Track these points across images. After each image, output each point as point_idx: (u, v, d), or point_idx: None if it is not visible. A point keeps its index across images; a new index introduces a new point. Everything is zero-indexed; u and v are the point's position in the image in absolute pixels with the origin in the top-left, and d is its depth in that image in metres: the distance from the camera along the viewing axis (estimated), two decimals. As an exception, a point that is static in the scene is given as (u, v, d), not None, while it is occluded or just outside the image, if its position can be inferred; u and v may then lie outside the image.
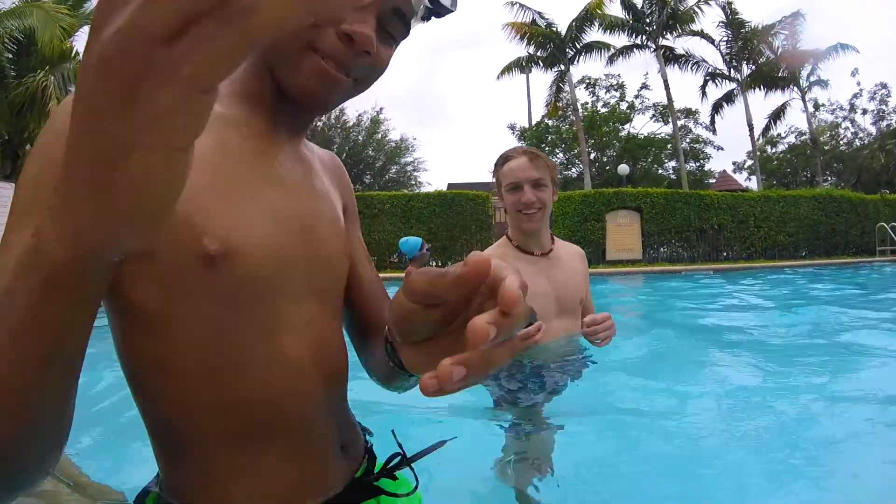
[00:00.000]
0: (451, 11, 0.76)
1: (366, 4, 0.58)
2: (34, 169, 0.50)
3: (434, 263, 13.44)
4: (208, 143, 0.55)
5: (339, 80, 0.60)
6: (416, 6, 0.69)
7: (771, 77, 21.30)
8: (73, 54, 12.27)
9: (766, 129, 23.88)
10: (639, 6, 19.80)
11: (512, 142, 32.81)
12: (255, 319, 0.56)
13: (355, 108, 53.43)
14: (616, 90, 22.41)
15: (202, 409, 0.55)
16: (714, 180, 25.90)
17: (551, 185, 1.62)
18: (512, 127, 24.32)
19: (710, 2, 19.49)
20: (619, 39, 20.54)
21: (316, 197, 0.67)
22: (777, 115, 22.96)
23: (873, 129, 25.17)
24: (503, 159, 1.65)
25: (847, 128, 26.06)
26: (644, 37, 20.12)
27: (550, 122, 22.94)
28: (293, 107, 0.62)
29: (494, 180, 1.71)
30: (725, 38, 20.87)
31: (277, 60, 0.60)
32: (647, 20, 19.84)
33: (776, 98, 23.43)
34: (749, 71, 21.29)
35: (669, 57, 20.62)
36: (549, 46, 20.14)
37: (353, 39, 0.57)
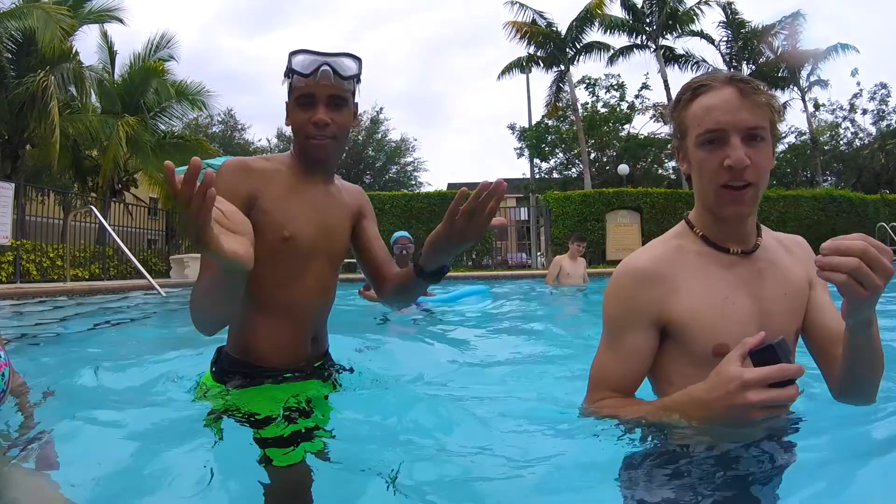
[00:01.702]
0: (354, 75, 1.34)
1: (317, 103, 1.25)
2: None
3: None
4: (284, 182, 1.28)
5: (324, 144, 1.27)
6: (344, 87, 1.29)
7: (771, 77, 21.30)
8: (73, 54, 12.26)
9: (767, 129, 23.86)
10: (639, 6, 19.80)
11: (512, 142, 32.70)
12: (297, 267, 1.29)
13: (355, 108, 53.38)
14: (616, 90, 22.40)
15: (265, 298, 1.27)
16: (714, 180, 25.89)
17: (770, 137, 0.98)
18: (512, 127, 24.31)
19: (710, 2, 19.51)
20: (619, 39, 20.56)
21: (335, 211, 1.37)
22: (777, 115, 22.95)
23: (873, 129, 25.16)
24: (694, 90, 1.01)
25: (847, 128, 26.05)
26: (644, 37, 20.13)
27: (550, 122, 22.92)
28: (315, 165, 1.33)
29: (673, 126, 1.09)
30: (725, 39, 20.88)
31: (296, 146, 1.32)
32: (647, 20, 19.85)
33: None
34: (749, 71, 21.29)
35: (669, 57, 20.63)
36: (550, 46, 20.15)
37: (317, 124, 1.24)
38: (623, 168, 20.37)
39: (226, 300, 1.06)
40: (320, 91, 1.26)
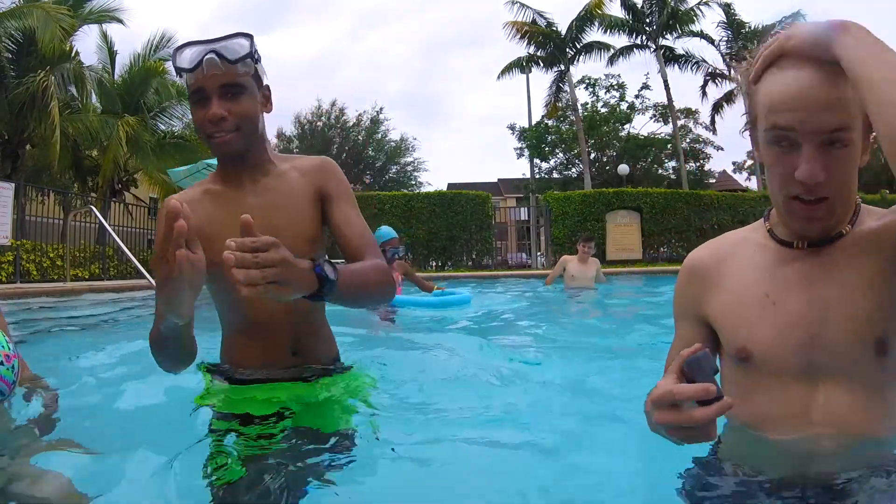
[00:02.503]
0: (238, 60, 1.17)
1: (209, 101, 1.15)
2: None
3: (434, 263, 13.46)
4: (214, 201, 1.25)
5: (227, 140, 1.17)
6: (237, 72, 1.16)
7: (771, 77, 21.30)
8: (73, 54, 12.27)
9: (767, 129, 23.87)
10: (639, 6, 19.81)
11: (512, 142, 32.72)
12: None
13: (355, 107, 53.31)
14: (616, 90, 22.41)
15: (230, 318, 1.28)
16: (714, 180, 25.90)
17: (860, 128, 0.81)
18: (512, 127, 24.32)
19: (710, 2, 19.52)
20: (619, 39, 20.57)
21: (280, 209, 1.23)
22: (777, 115, 22.96)
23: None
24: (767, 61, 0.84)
25: (847, 128, 26.05)
26: (644, 37, 20.13)
27: (550, 122, 22.93)
28: (232, 162, 1.25)
29: (746, 101, 0.93)
30: (725, 39, 20.88)
31: (207, 147, 1.22)
32: (647, 20, 19.86)
33: (776, 98, 23.39)
34: (749, 71, 21.30)
35: (669, 57, 20.63)
36: (550, 46, 20.16)
37: (211, 120, 1.15)
38: (623, 168, 20.37)
39: (171, 347, 1.05)
40: (210, 83, 1.15)
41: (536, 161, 23.61)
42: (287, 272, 0.84)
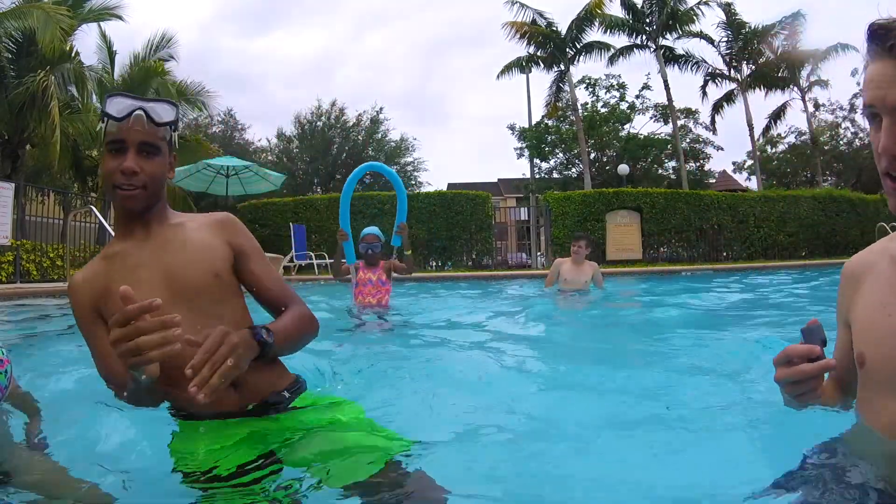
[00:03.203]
0: (172, 122, 1.26)
1: (126, 153, 1.18)
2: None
3: (434, 263, 13.45)
4: (115, 265, 1.23)
5: (133, 195, 1.19)
6: (157, 134, 1.22)
7: (771, 77, 21.30)
8: (73, 54, 12.26)
9: (766, 129, 23.87)
10: (639, 6, 19.80)
11: (512, 142, 32.66)
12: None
13: (355, 107, 53.30)
14: (616, 90, 22.41)
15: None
16: (714, 180, 25.88)
17: None
18: (512, 127, 24.32)
19: (710, 2, 19.51)
20: (620, 39, 20.56)
21: (190, 246, 1.25)
22: (777, 115, 22.96)
23: (873, 129, 25.13)
24: (883, 36, 0.76)
25: (847, 128, 26.02)
26: (644, 37, 20.12)
27: (550, 122, 22.93)
28: (133, 217, 1.25)
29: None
30: (726, 39, 20.87)
31: (110, 198, 1.23)
32: (647, 20, 19.84)
33: (776, 98, 23.38)
34: (749, 71, 21.30)
35: (669, 57, 20.62)
36: (550, 46, 20.14)
37: (124, 172, 1.17)
38: (623, 168, 20.36)
39: (151, 396, 1.16)
40: (132, 137, 1.19)
41: (536, 161, 23.61)
42: (237, 358, 0.98)
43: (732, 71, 21.41)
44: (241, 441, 1.14)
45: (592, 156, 22.94)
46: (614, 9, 19.78)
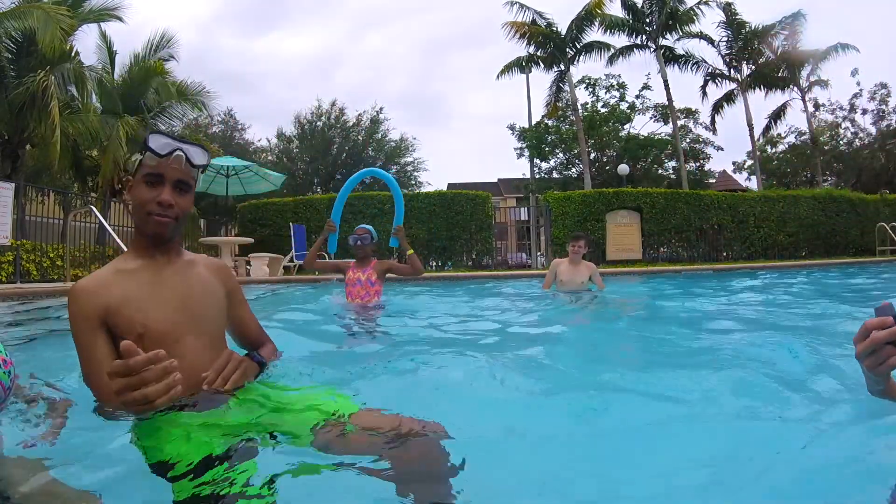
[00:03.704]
0: (204, 166, 1.42)
1: (164, 184, 1.33)
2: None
3: (434, 263, 13.45)
4: (128, 281, 1.33)
5: (166, 222, 1.34)
6: (191, 174, 1.38)
7: (771, 77, 21.30)
8: (73, 54, 12.26)
9: (766, 129, 23.88)
10: (639, 6, 19.80)
11: (512, 142, 32.69)
12: (159, 340, 1.25)
13: (355, 107, 53.30)
14: (616, 90, 22.41)
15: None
16: (714, 180, 25.88)
17: None
18: (512, 127, 24.32)
19: (710, 2, 19.51)
20: (620, 39, 20.56)
21: (190, 282, 1.41)
22: (777, 115, 22.96)
23: (873, 129, 25.15)
24: None
25: (847, 128, 26.04)
26: (644, 37, 20.12)
27: (550, 122, 22.93)
28: (157, 242, 1.37)
29: None
30: (726, 39, 20.87)
31: (139, 224, 1.37)
32: (647, 20, 19.84)
33: (776, 98, 23.40)
34: (749, 71, 21.30)
35: (669, 57, 20.62)
36: (549, 46, 20.14)
37: (161, 203, 1.31)
38: (623, 168, 20.36)
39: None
40: (170, 173, 1.34)
41: (536, 161, 23.61)
42: (241, 372, 1.29)
43: (732, 71, 21.42)
44: (207, 423, 1.19)
45: (592, 156, 22.94)
46: (614, 9, 19.81)
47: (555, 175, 24.58)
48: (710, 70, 21.45)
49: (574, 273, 5.28)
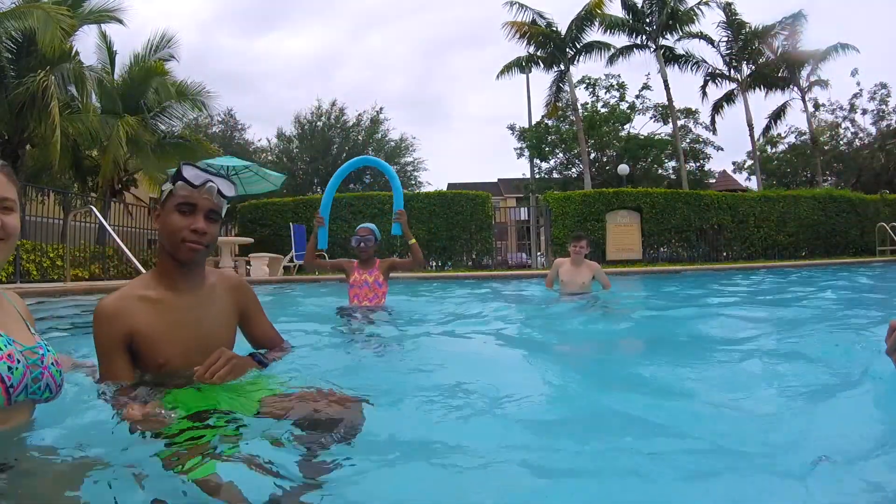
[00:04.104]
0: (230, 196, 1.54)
1: (196, 214, 1.45)
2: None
3: (434, 263, 13.45)
4: (152, 309, 1.46)
5: (199, 249, 1.46)
6: (220, 205, 1.49)
7: (771, 77, 21.30)
8: (73, 54, 12.25)
9: (766, 129, 23.88)
10: (639, 6, 19.80)
11: (512, 142, 32.77)
12: (180, 379, 1.42)
13: (355, 107, 53.25)
14: (616, 90, 22.41)
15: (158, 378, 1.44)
16: (714, 180, 25.88)
17: None
18: (512, 127, 24.32)
19: (710, 2, 19.51)
20: (620, 39, 20.57)
21: (209, 319, 1.54)
22: (777, 115, 22.96)
23: (873, 129, 25.15)
24: None
25: (847, 128, 26.04)
26: (644, 37, 20.12)
27: (550, 122, 22.92)
28: (185, 266, 1.49)
29: None
30: (726, 39, 20.88)
31: (167, 248, 1.48)
32: (647, 20, 19.84)
33: (776, 98, 23.40)
34: (749, 71, 21.30)
35: (669, 57, 20.62)
36: (549, 46, 20.14)
37: (196, 231, 1.43)
38: (623, 168, 20.36)
39: None
40: (203, 203, 1.46)
41: (536, 161, 23.60)
42: (229, 368, 1.37)
43: (732, 71, 21.41)
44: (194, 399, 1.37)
45: (592, 156, 22.93)
46: (614, 9, 19.82)
47: (555, 175, 24.58)
48: (710, 70, 21.46)
49: (575, 274, 5.21)
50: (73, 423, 1.27)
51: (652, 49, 20.15)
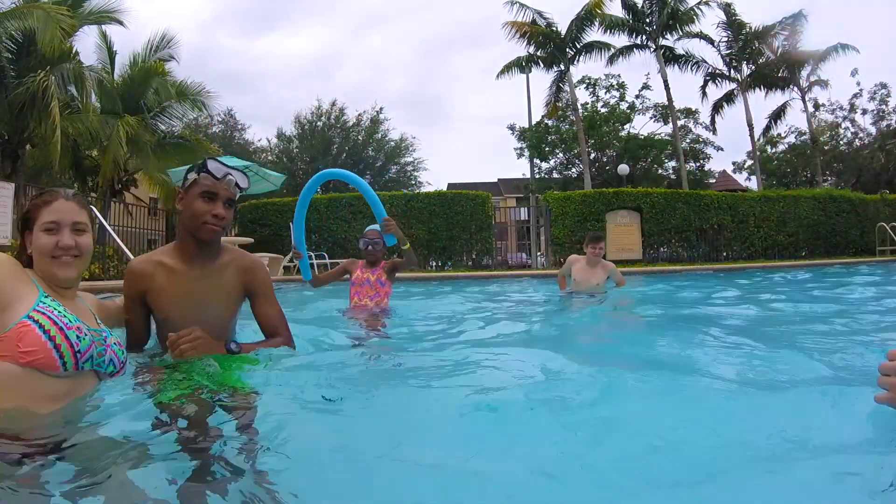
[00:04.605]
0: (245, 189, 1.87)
1: (217, 202, 1.77)
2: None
3: (434, 263, 13.46)
4: (164, 275, 1.82)
5: (216, 230, 1.77)
6: (236, 194, 1.80)
7: (771, 77, 21.31)
8: (73, 54, 12.26)
9: (766, 129, 23.89)
10: (639, 6, 19.80)
11: (512, 142, 32.75)
12: (174, 328, 1.71)
13: (355, 107, 53.25)
14: (616, 90, 22.41)
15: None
16: (714, 180, 25.89)
17: None
18: (512, 127, 24.33)
19: (710, 2, 19.51)
20: (620, 39, 20.57)
21: (211, 290, 1.83)
22: (777, 115, 22.97)
23: (873, 129, 25.17)
24: None
25: (847, 128, 26.07)
26: (644, 37, 20.13)
27: (550, 122, 22.93)
28: (203, 244, 1.80)
29: None
30: (726, 39, 20.88)
31: (188, 229, 1.80)
32: (647, 20, 19.85)
33: (776, 98, 23.41)
34: (749, 71, 21.31)
35: (669, 57, 20.63)
36: (550, 46, 20.14)
37: (217, 216, 1.76)
38: (623, 168, 20.36)
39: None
40: (223, 192, 1.78)
41: (536, 161, 23.61)
42: (192, 345, 1.60)
43: (732, 71, 21.42)
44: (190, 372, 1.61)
45: (592, 156, 22.94)
46: (614, 9, 19.82)
47: (555, 175, 24.59)
48: (710, 70, 21.46)
49: (590, 274, 5.06)
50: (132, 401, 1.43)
51: (652, 49, 20.15)
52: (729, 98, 21.96)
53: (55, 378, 1.32)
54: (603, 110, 22.50)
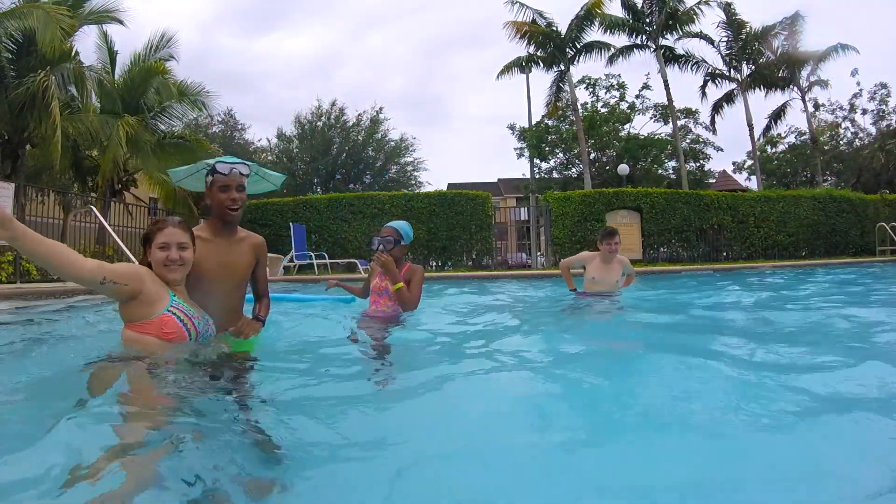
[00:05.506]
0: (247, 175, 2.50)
1: (231, 190, 2.44)
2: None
3: (434, 263, 13.46)
4: (201, 241, 2.38)
5: (238, 211, 2.47)
6: (243, 179, 2.46)
7: (771, 77, 21.31)
8: (73, 54, 12.24)
9: (766, 129, 23.90)
10: (639, 6, 19.80)
11: (512, 142, 32.71)
12: (207, 288, 2.40)
13: (355, 107, 53.25)
14: (616, 90, 22.41)
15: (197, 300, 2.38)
16: (714, 180, 25.89)
17: None
18: (512, 127, 24.32)
19: (710, 2, 19.51)
20: (620, 39, 20.58)
21: (234, 256, 2.51)
22: (777, 115, 22.97)
23: (873, 129, 25.17)
24: None
25: (847, 128, 26.08)
26: (644, 37, 20.13)
27: (550, 122, 22.93)
28: (227, 223, 2.50)
29: None
30: (725, 39, 20.88)
31: (219, 214, 2.48)
32: (647, 20, 19.85)
33: (776, 98, 23.44)
34: (749, 71, 21.31)
35: (669, 57, 20.63)
36: (550, 46, 20.14)
37: (234, 200, 2.45)
38: (623, 168, 20.36)
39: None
40: (233, 182, 2.39)
41: (536, 161, 23.61)
42: (252, 328, 2.47)
43: (732, 71, 21.42)
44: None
45: (592, 156, 22.94)
46: (614, 9, 19.83)
47: (555, 175, 24.59)
48: (710, 70, 21.46)
49: (608, 272, 4.77)
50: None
51: (652, 49, 20.15)
52: (729, 98, 21.96)
53: (180, 345, 2.02)
54: (603, 110, 22.50)
